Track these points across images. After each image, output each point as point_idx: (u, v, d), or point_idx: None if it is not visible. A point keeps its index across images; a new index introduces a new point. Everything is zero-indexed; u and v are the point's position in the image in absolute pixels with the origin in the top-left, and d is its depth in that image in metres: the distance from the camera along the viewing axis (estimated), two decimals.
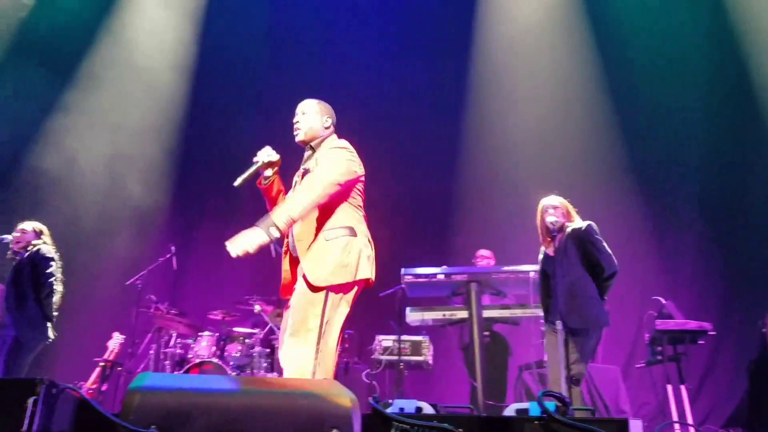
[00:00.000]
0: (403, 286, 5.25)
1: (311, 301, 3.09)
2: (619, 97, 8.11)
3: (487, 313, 5.25)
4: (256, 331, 6.51)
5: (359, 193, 3.38)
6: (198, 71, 8.60)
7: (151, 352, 6.68)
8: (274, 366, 6.36)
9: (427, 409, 2.38)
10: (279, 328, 5.13)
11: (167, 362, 6.46)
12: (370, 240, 3.35)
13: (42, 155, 7.60)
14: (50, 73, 7.66)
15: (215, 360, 6.11)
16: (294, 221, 3.11)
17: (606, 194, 7.56)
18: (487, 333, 5.94)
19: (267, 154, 3.36)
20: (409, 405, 2.32)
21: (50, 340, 5.42)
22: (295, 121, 3.47)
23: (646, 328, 6.00)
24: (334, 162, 3.22)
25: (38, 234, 5.54)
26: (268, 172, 3.38)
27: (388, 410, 2.25)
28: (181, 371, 6.14)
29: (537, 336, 6.18)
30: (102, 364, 6.44)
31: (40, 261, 5.39)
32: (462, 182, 8.39)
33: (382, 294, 5.90)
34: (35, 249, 5.45)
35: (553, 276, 4.43)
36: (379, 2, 9.01)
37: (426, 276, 5.11)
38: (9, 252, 5.49)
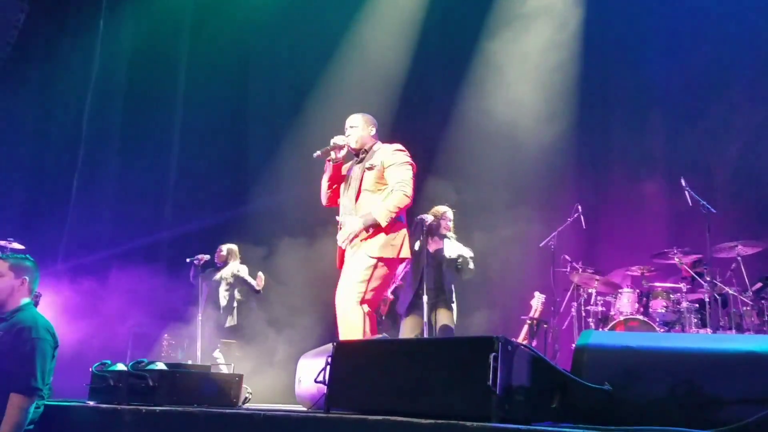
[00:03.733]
0: None
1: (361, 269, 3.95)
2: None
3: None
4: (681, 285, 6.09)
5: None
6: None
7: (572, 309, 6.83)
8: (705, 322, 5.88)
9: None
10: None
11: (590, 319, 6.53)
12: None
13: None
14: None
15: (640, 317, 5.94)
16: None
17: None
18: None
19: (341, 140, 4.20)
20: None
21: None
22: (347, 134, 4.26)
23: None
24: (407, 181, 4.06)
25: None
26: (340, 154, 4.21)
27: None
28: (606, 328, 6.14)
29: None
30: (529, 321, 6.83)
31: None
32: None
33: None
34: None
35: None
36: None
37: None
38: None
